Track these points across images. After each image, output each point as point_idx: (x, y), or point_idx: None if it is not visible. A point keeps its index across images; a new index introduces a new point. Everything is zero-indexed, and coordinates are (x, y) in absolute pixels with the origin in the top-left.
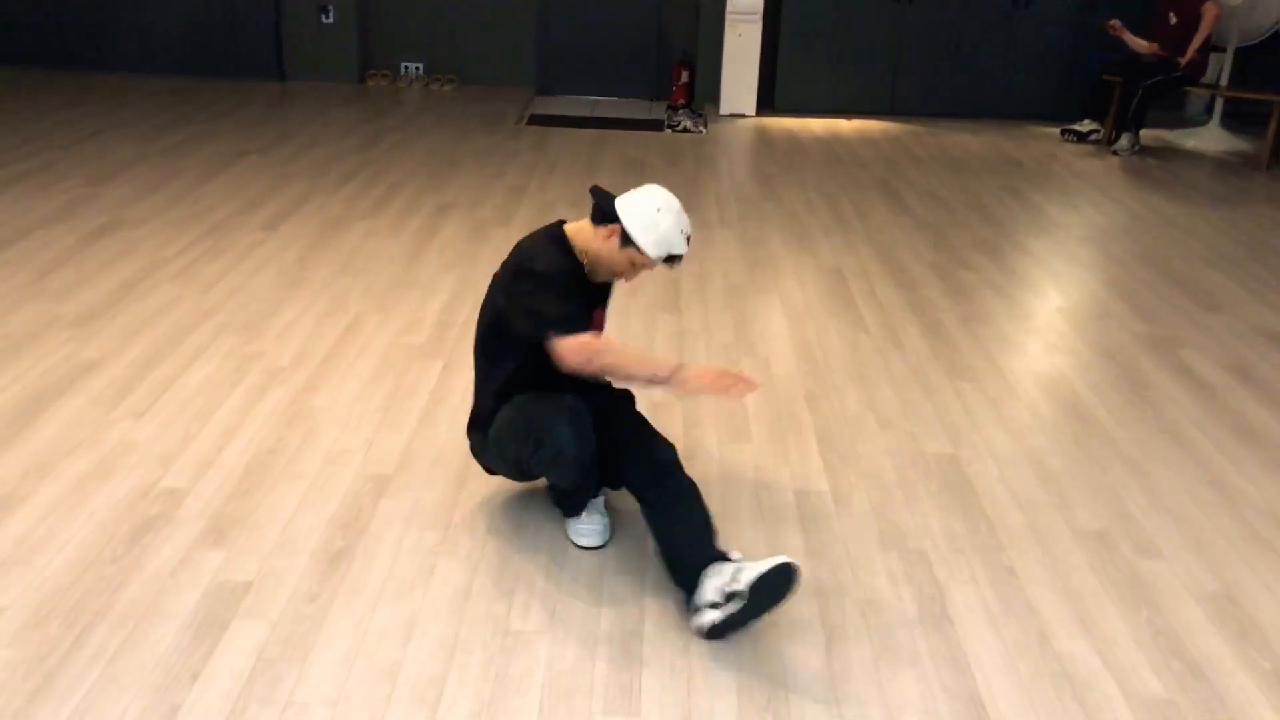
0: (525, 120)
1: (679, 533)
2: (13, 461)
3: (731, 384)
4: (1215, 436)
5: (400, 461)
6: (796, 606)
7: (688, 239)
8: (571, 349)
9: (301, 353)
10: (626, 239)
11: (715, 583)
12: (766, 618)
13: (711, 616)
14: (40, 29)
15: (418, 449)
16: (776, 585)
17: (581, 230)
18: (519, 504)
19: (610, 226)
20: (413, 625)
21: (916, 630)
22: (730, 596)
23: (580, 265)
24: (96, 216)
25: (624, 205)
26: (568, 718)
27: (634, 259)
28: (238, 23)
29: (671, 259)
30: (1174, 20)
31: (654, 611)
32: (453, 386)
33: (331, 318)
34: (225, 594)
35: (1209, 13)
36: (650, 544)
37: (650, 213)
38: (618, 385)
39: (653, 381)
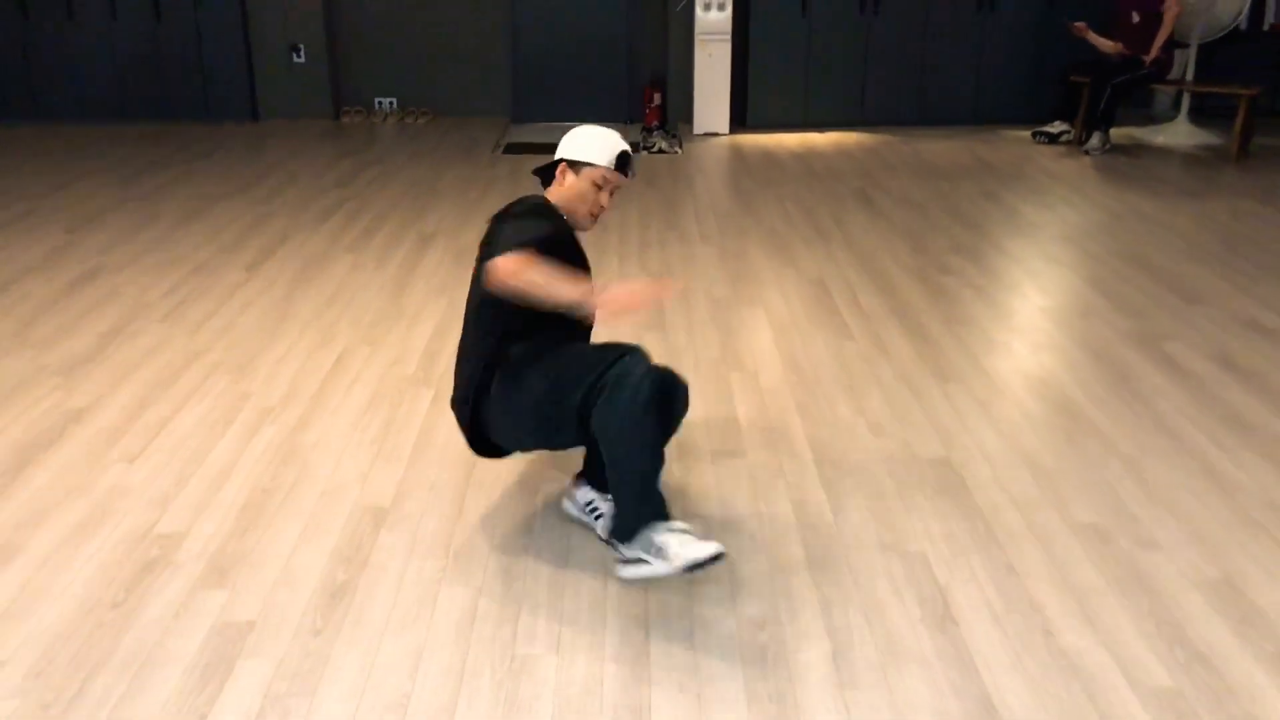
0: (502, 148)
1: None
2: (6, 512)
3: (652, 294)
4: (1205, 426)
5: (397, 493)
6: (801, 612)
7: (631, 146)
8: (504, 262)
9: (292, 389)
10: (575, 166)
11: (654, 541)
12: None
13: (637, 571)
14: (3, 81)
15: (414, 479)
16: (703, 566)
17: (552, 194)
18: (519, 529)
19: (558, 171)
20: (419, 654)
21: (922, 632)
22: (657, 551)
23: (565, 223)
24: (77, 264)
25: (559, 147)
26: None
27: (592, 177)
28: (208, 65)
29: (624, 164)
30: (1137, 19)
31: (660, 630)
32: (445, 415)
33: (321, 352)
34: (229, 634)
35: (1170, 10)
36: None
37: (579, 134)
38: (542, 309)
39: (576, 303)
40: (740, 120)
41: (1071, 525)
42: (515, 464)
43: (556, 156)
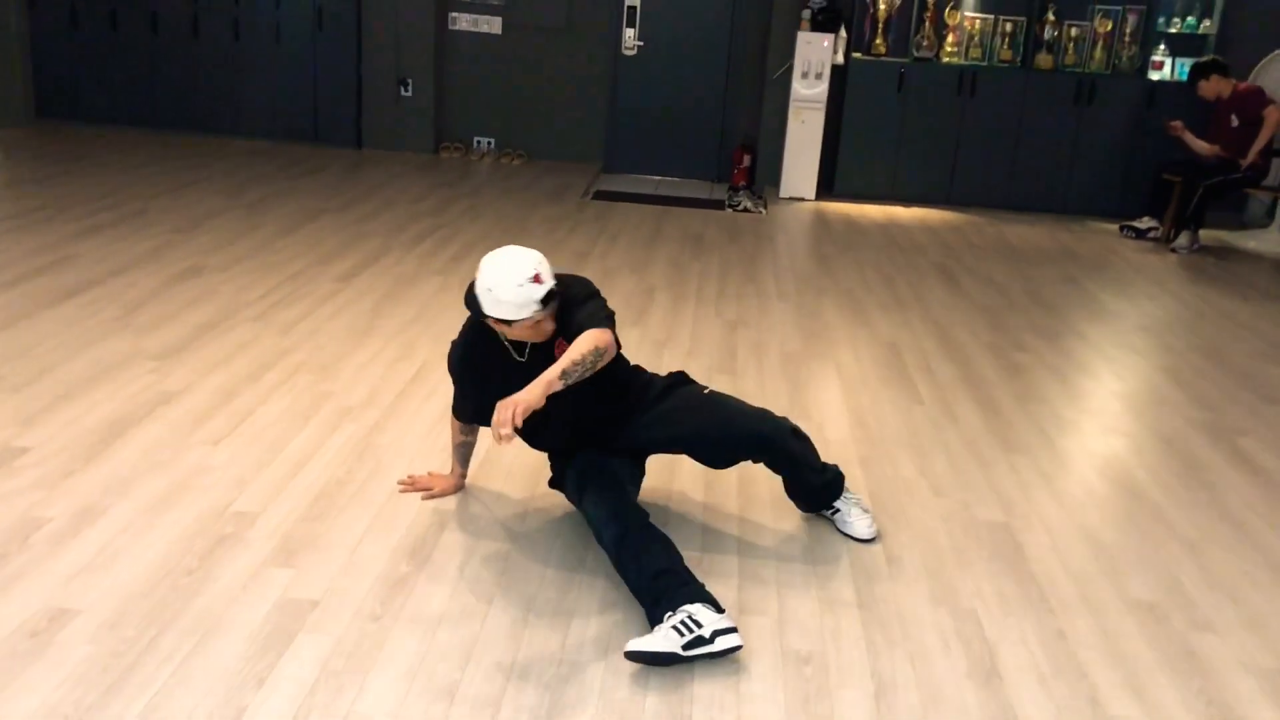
0: (590, 194)
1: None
2: (95, 477)
3: (508, 426)
4: (1273, 521)
5: (463, 498)
6: (847, 654)
7: (535, 279)
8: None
9: (372, 394)
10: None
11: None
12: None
13: (652, 646)
14: (132, 92)
15: (480, 488)
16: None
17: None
18: (577, 544)
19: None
20: (471, 649)
21: (966, 685)
22: (685, 644)
23: (497, 348)
24: (181, 261)
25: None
26: None
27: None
28: (321, 92)
29: (546, 301)
30: (1235, 122)
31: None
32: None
33: (401, 363)
34: (292, 609)
35: (1271, 115)
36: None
37: (492, 287)
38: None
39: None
40: (827, 188)
41: (1126, 600)
42: None
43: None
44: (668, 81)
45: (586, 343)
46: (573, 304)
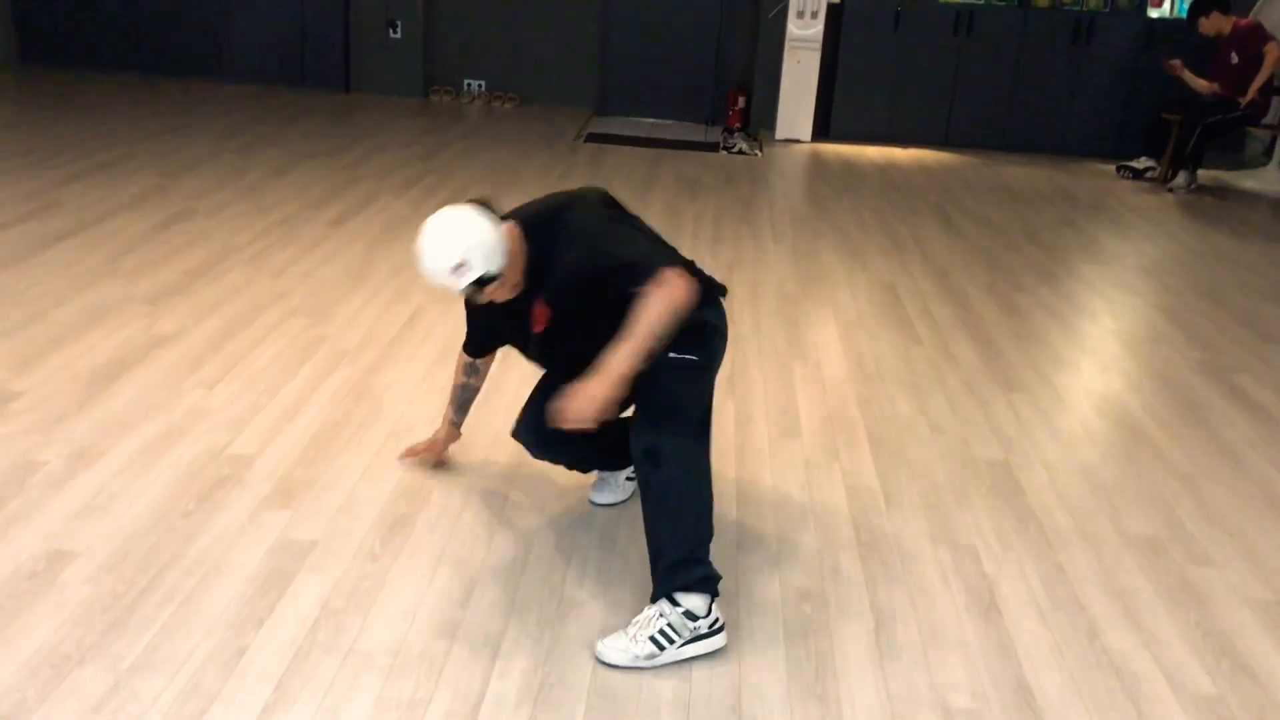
0: (583, 138)
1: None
2: (90, 421)
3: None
4: (1271, 457)
5: (462, 440)
6: (846, 590)
7: (456, 270)
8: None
9: (368, 337)
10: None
11: (660, 626)
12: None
13: (632, 651)
14: (118, 36)
15: (478, 429)
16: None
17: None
18: (577, 484)
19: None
20: (471, 587)
21: (965, 619)
22: (650, 655)
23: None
24: (170, 205)
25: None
26: (621, 679)
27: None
28: (308, 35)
29: (479, 286)
30: (1235, 60)
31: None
32: (509, 375)
33: (396, 307)
34: (291, 550)
35: (1271, 53)
36: None
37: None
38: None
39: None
40: (823, 130)
41: (1124, 535)
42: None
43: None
44: (661, 23)
45: (654, 308)
46: (596, 272)
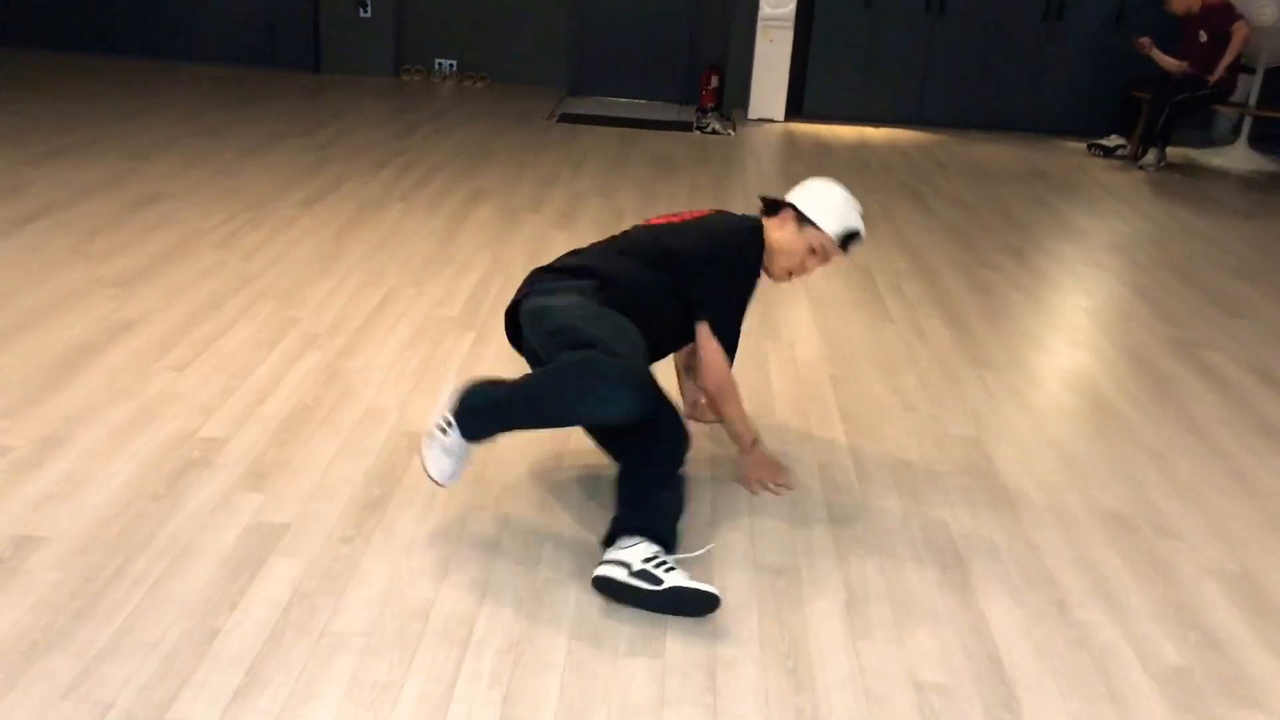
0: (556, 117)
1: (650, 487)
2: (58, 406)
3: (776, 483)
4: (1237, 432)
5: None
6: (819, 567)
7: (863, 218)
8: (718, 360)
9: (339, 319)
10: (803, 220)
11: (644, 552)
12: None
13: (615, 574)
14: (83, 16)
15: None
16: (691, 604)
17: (768, 228)
18: (552, 464)
19: (783, 214)
20: (446, 569)
21: (936, 594)
22: (645, 575)
23: (762, 267)
24: (138, 188)
25: (793, 192)
26: (594, 658)
27: (812, 241)
28: (276, 14)
29: (849, 239)
30: (1204, 38)
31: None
32: (484, 356)
33: (368, 289)
34: (263, 533)
35: (1239, 31)
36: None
37: (820, 190)
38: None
39: (734, 438)
40: (796, 109)
41: (1095, 510)
42: None
43: (789, 199)
44: (634, 2)
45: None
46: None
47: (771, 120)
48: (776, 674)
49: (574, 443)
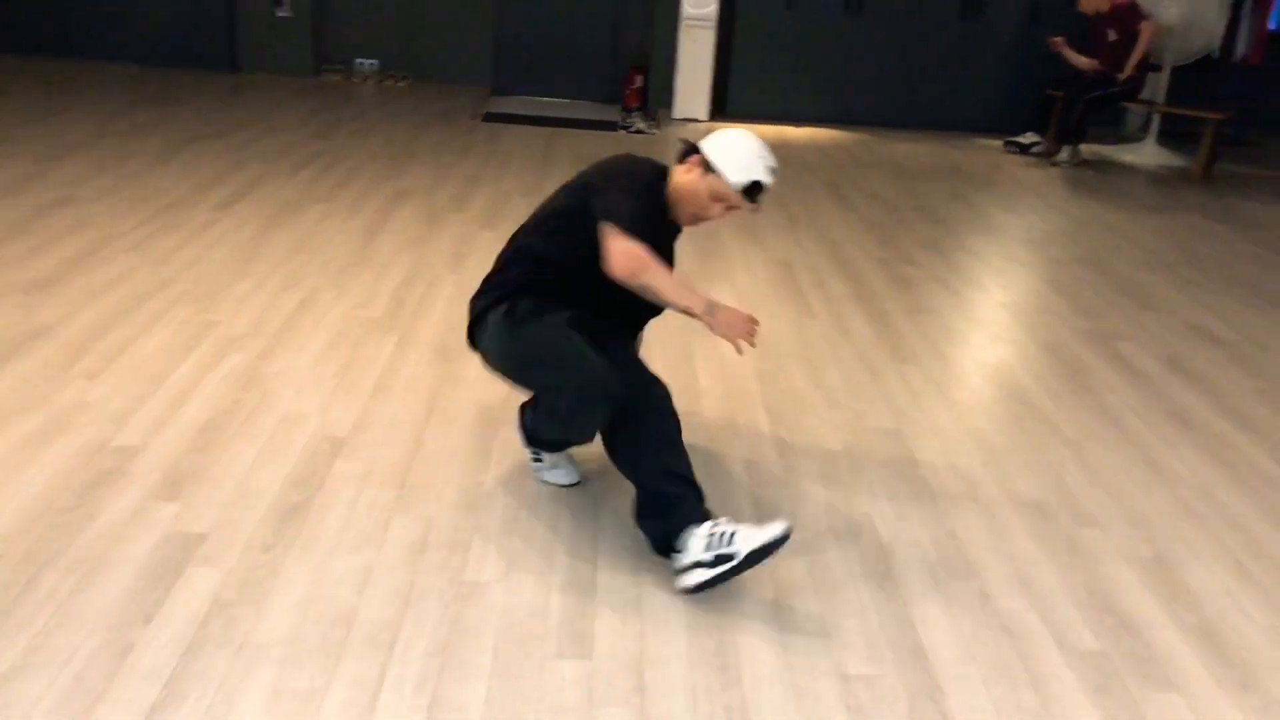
0: (480, 117)
1: (664, 478)
2: None
3: (751, 333)
4: (1150, 420)
5: (356, 425)
6: None
7: (772, 171)
8: (624, 250)
9: (257, 323)
10: (708, 167)
11: (704, 542)
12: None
13: (700, 576)
14: None
15: (373, 413)
16: (768, 551)
17: (673, 174)
18: (476, 465)
19: (691, 159)
20: (368, 575)
21: (862, 587)
22: (722, 559)
23: (666, 205)
24: (48, 192)
25: (706, 139)
26: (522, 660)
27: (714, 188)
28: (191, 13)
29: (754, 190)
30: (1113, 37)
31: (607, 564)
32: (406, 358)
33: (288, 291)
34: (180, 542)
35: (1146, 30)
36: (606, 498)
37: (731, 140)
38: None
39: (686, 312)
40: (720, 108)
41: (1014, 500)
42: (476, 401)
43: (701, 144)
44: (557, 2)
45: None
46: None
47: (696, 120)
48: (705, 671)
49: (500, 443)
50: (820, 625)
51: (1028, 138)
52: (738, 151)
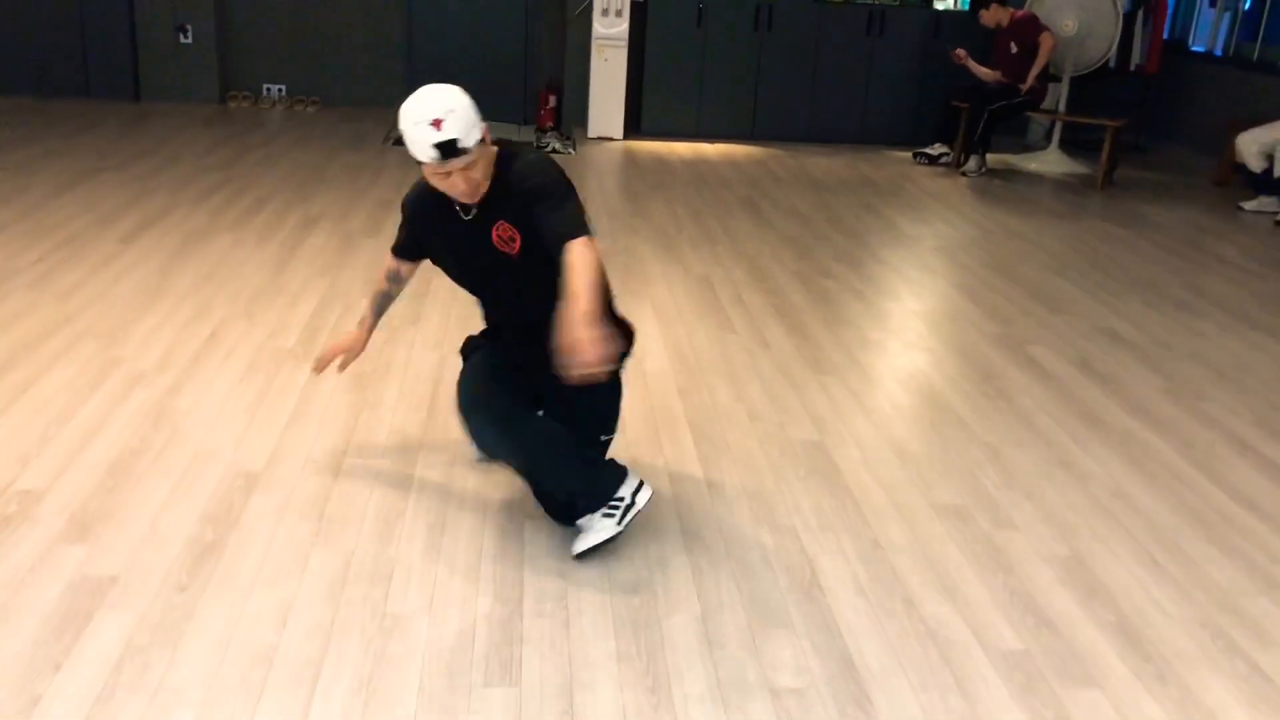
0: (393, 140)
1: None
2: None
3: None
4: (1063, 421)
5: (271, 458)
6: (674, 580)
7: (434, 123)
8: (588, 258)
9: (165, 357)
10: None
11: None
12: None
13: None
14: None
15: (289, 446)
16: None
17: None
18: (396, 495)
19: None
20: (288, 611)
21: (789, 599)
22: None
23: (446, 200)
24: None
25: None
26: (449, 691)
27: (424, 171)
28: (90, 41)
29: (444, 152)
30: (1014, 49)
31: (533, 589)
32: (323, 386)
33: (196, 324)
34: (89, 587)
35: (1045, 42)
36: (529, 523)
37: (401, 125)
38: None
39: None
40: (634, 127)
41: (934, 506)
42: (394, 428)
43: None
44: (467, 20)
45: (586, 262)
46: (538, 193)
47: (611, 139)
48: (635, 692)
49: (420, 470)
50: (749, 640)
51: (935, 149)
52: (405, 135)
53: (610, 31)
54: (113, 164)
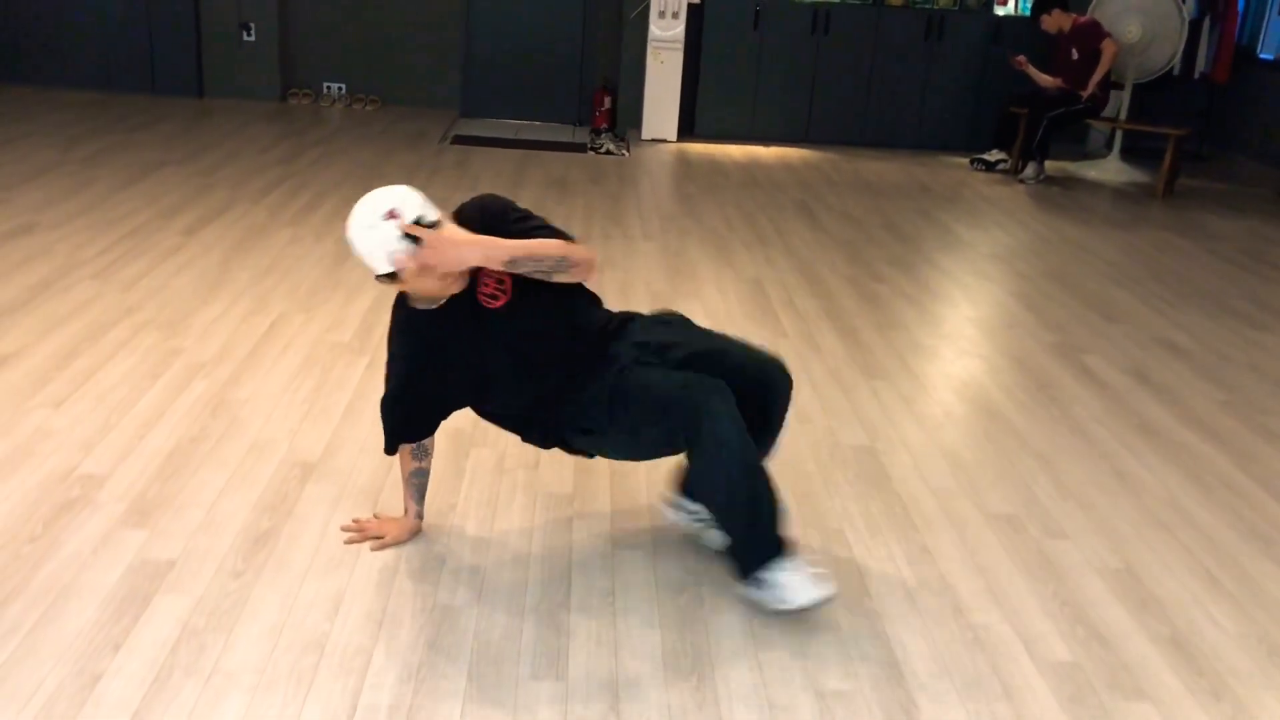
0: (449, 140)
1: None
2: None
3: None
4: (1117, 432)
5: (326, 450)
6: (720, 583)
7: (389, 214)
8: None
9: (225, 349)
10: (388, 278)
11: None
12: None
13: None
14: None
15: (344, 438)
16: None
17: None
18: (449, 488)
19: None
20: (340, 599)
21: (836, 602)
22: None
23: (421, 310)
24: (9, 219)
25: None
26: (496, 682)
27: (407, 274)
28: (156, 38)
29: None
30: (1075, 55)
31: (580, 584)
32: (377, 382)
33: (255, 316)
34: (148, 571)
35: (1108, 48)
36: (577, 522)
37: (354, 247)
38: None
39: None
40: (688, 129)
41: (985, 514)
42: (446, 423)
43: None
44: (525, 24)
45: (553, 245)
46: (501, 214)
47: (665, 140)
48: (680, 691)
49: (471, 465)
50: (795, 642)
51: (993, 155)
52: (366, 253)
53: (666, 34)
54: (176, 159)
